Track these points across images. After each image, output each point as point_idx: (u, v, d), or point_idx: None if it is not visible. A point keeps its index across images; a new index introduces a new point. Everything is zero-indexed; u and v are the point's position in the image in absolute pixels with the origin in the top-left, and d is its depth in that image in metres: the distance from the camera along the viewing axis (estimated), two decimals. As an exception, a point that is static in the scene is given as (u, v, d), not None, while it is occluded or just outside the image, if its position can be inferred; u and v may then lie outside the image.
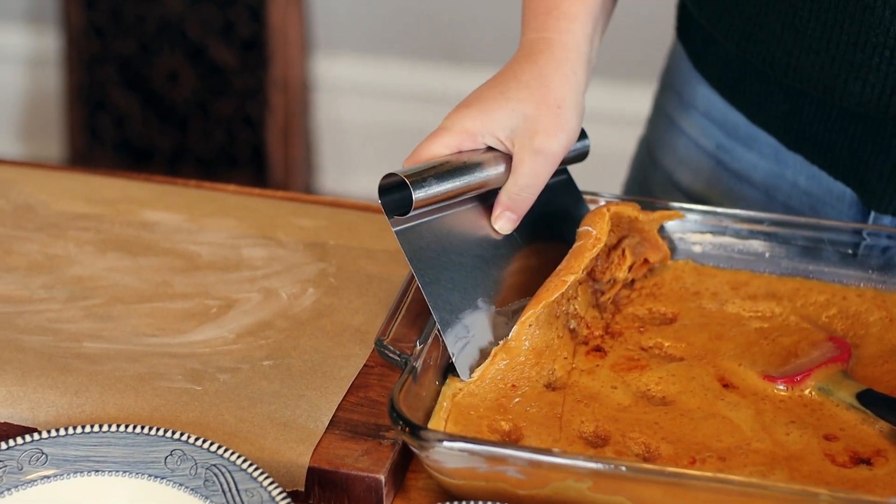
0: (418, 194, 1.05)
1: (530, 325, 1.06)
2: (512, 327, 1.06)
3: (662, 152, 1.37)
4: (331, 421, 1.03)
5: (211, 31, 3.04)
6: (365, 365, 1.09)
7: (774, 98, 1.22)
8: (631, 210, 1.13)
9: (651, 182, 1.39)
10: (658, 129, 1.39)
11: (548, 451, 0.94)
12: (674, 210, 1.15)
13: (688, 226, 1.16)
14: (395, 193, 1.06)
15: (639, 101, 2.27)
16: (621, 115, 2.59)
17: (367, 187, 3.15)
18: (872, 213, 1.20)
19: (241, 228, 1.24)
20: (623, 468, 0.92)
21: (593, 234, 1.10)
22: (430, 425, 1.00)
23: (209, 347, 1.10)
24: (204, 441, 0.98)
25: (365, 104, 3.13)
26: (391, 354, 1.03)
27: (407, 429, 0.95)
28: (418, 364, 1.01)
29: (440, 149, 1.08)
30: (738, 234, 1.15)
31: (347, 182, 3.19)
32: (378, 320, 1.13)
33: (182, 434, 0.99)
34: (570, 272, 1.08)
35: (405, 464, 1.02)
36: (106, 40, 3.08)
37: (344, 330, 1.12)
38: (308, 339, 1.11)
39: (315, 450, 1.00)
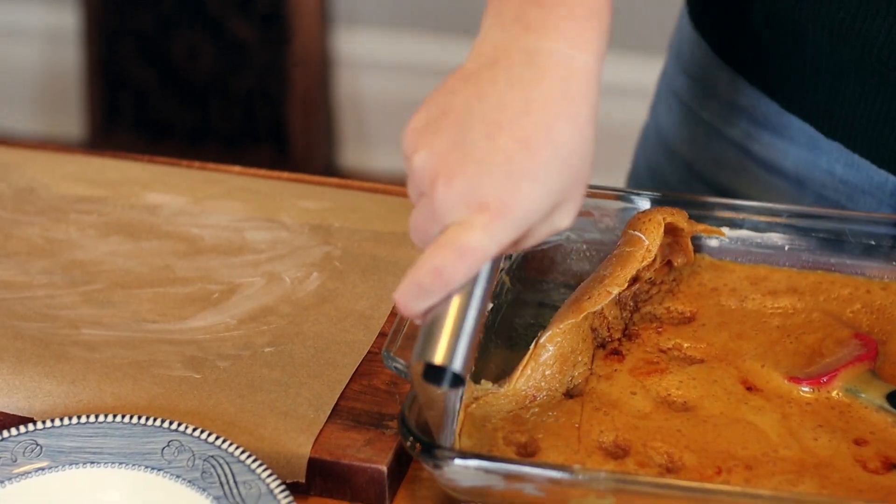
0: (464, 369, 0.89)
1: (560, 330, 1.01)
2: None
3: (679, 142, 1.32)
4: (333, 410, 1.00)
5: (230, 6, 3.02)
6: (369, 352, 1.06)
7: (813, 82, 1.17)
8: (681, 220, 1.08)
9: (669, 175, 1.34)
10: (671, 118, 1.33)
11: (568, 469, 0.90)
12: (717, 228, 1.10)
13: (703, 218, 1.11)
14: (436, 373, 0.90)
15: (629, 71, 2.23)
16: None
17: (388, 161, 3.12)
18: None
19: (245, 211, 1.22)
20: (647, 485, 0.89)
21: (645, 245, 1.05)
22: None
23: (210, 334, 1.08)
24: (202, 431, 0.96)
25: (385, 78, 3.11)
26: (401, 367, 0.97)
27: (418, 446, 0.91)
28: None
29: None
30: (756, 227, 1.11)
31: (368, 157, 3.17)
32: (383, 305, 1.10)
33: (179, 424, 0.96)
34: (615, 283, 1.03)
35: (408, 454, 0.99)
36: (124, 16, 3.06)
37: (348, 315, 1.10)
38: (311, 324, 1.09)
39: (316, 440, 0.98)
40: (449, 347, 0.87)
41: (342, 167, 3.19)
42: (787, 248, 1.11)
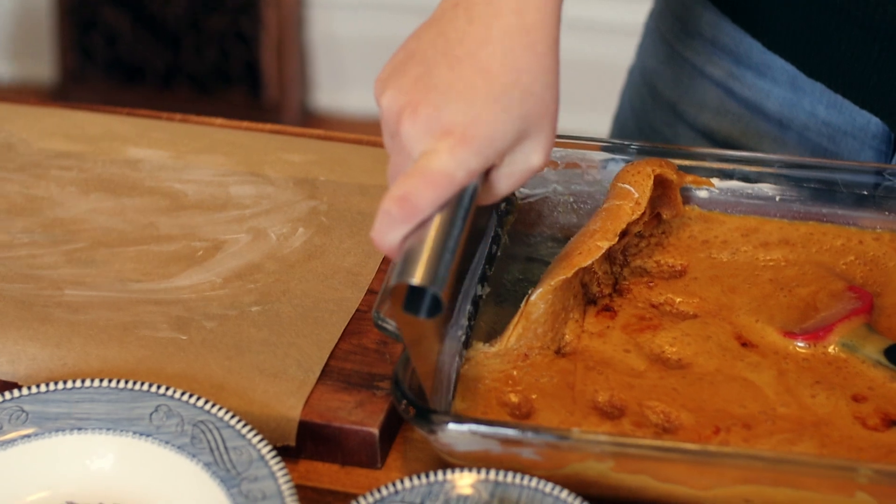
0: (442, 292, 0.87)
1: (551, 287, 0.99)
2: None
3: (664, 83, 1.31)
4: (322, 371, 0.99)
5: (202, -54, 2.98)
6: (357, 310, 1.04)
7: (795, 19, 1.15)
8: (670, 172, 1.06)
9: (653, 116, 1.33)
10: (656, 58, 1.32)
11: (567, 433, 0.89)
12: (706, 179, 1.09)
13: (693, 169, 1.09)
14: (415, 300, 0.89)
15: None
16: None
17: (362, 102, 3.10)
18: None
19: (229, 165, 1.19)
20: (648, 449, 0.87)
21: (634, 197, 1.04)
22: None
23: (196, 293, 1.06)
24: (190, 396, 0.94)
25: (359, 18, 3.07)
26: (391, 329, 0.94)
27: (412, 410, 0.89)
28: None
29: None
30: (746, 178, 1.09)
31: (343, 97, 3.14)
32: (370, 261, 1.09)
33: (167, 388, 0.94)
34: (605, 237, 1.01)
35: (400, 416, 0.98)
36: (95, -44, 3.02)
37: (335, 272, 1.08)
38: (298, 282, 1.07)
39: (306, 402, 0.96)
40: (426, 268, 0.86)
41: (317, 108, 3.16)
42: (778, 198, 1.09)
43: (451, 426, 0.89)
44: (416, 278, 0.85)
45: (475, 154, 0.87)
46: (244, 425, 0.92)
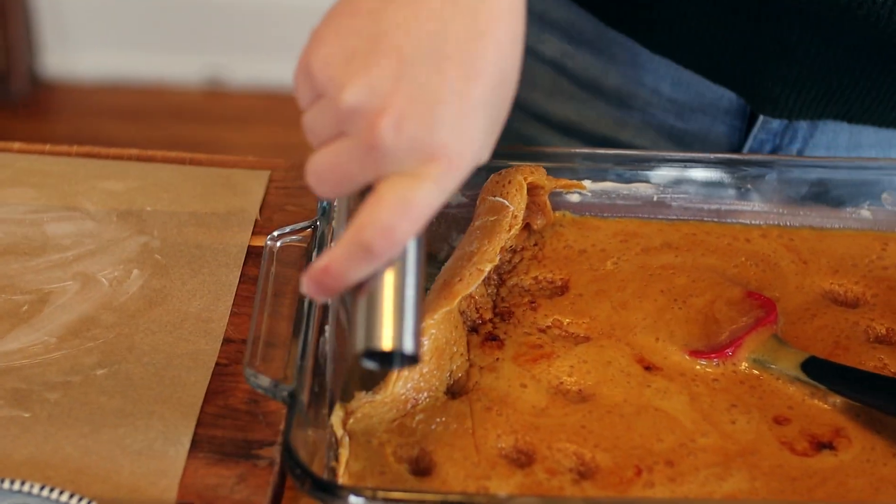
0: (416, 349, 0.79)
1: (434, 321, 0.90)
2: None
3: None
4: (192, 441, 0.88)
5: None
6: (217, 364, 0.94)
7: None
8: (541, 178, 0.99)
9: None
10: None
11: (486, 499, 0.81)
12: (578, 182, 1.01)
13: (560, 171, 1.01)
14: (386, 357, 0.79)
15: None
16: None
17: (95, 65, 2.94)
18: (760, 119, 1.09)
19: (40, 199, 1.07)
20: None
21: (510, 211, 0.96)
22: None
23: (28, 357, 0.94)
24: (51, 489, 0.83)
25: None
26: (266, 386, 0.85)
27: (308, 483, 0.79)
28: (304, 392, 0.84)
29: None
30: (621, 178, 1.02)
31: (74, 62, 2.97)
32: (220, 303, 0.98)
33: (23, 483, 0.83)
34: (485, 259, 0.93)
35: (282, 482, 0.89)
36: None
37: (183, 320, 0.97)
38: (143, 335, 0.96)
39: (181, 482, 0.86)
40: (395, 328, 0.77)
41: (45, 75, 2.98)
42: (655, 198, 1.03)
43: (351, 500, 0.80)
44: (386, 342, 0.77)
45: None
46: (120, 522, 0.81)
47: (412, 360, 0.78)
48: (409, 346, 0.77)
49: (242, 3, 2.92)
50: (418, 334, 0.78)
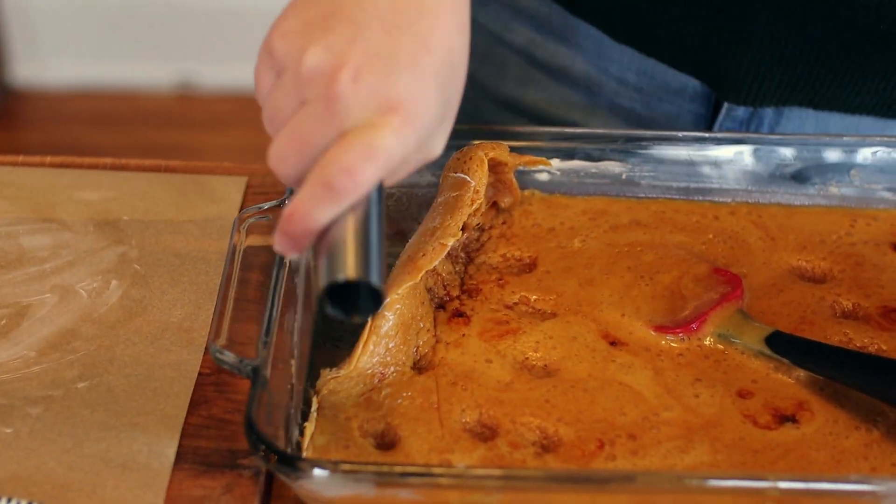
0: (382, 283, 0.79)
1: (399, 296, 0.91)
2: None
3: None
4: (176, 453, 0.88)
5: None
6: (199, 374, 0.93)
7: None
8: (504, 154, 0.99)
9: None
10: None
11: (445, 471, 0.82)
12: (542, 159, 1.02)
13: (528, 150, 1.02)
14: (350, 298, 0.79)
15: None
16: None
17: (66, 73, 2.93)
18: (725, 106, 1.09)
19: (14, 211, 1.06)
20: (541, 480, 0.81)
21: (472, 186, 0.97)
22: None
23: (8, 372, 0.94)
24: (35, 507, 0.82)
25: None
26: (231, 361, 0.86)
27: (273, 457, 0.80)
28: (267, 368, 0.85)
29: None
30: (589, 156, 1.02)
31: (45, 70, 2.95)
32: (201, 312, 0.98)
33: (9, 500, 0.82)
34: (448, 234, 0.94)
35: (269, 490, 0.88)
36: None
37: (164, 330, 0.97)
38: (124, 347, 0.95)
39: (167, 495, 0.85)
40: (360, 259, 0.77)
41: (14, 83, 2.96)
42: (624, 176, 1.03)
43: (315, 472, 0.80)
44: (350, 271, 0.77)
45: (415, 135, 0.78)
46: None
47: (377, 297, 0.78)
48: (375, 277, 0.77)
49: (211, 8, 2.91)
50: (383, 271, 0.78)
